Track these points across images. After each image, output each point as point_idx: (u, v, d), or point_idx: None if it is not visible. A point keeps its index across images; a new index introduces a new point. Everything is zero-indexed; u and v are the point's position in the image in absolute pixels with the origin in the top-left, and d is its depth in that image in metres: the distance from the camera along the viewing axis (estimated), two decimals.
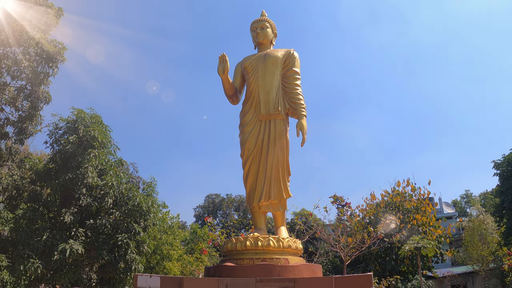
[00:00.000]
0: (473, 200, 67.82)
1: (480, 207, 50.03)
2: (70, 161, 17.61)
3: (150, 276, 7.87)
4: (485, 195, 63.33)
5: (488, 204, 53.55)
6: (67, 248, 15.42)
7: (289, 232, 10.02)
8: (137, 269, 17.33)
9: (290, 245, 8.57)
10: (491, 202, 53.21)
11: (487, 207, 51.37)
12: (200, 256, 29.26)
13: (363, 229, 26.42)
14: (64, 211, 16.59)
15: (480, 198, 65.94)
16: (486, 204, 55.22)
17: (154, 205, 19.01)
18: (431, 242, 23.38)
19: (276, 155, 9.09)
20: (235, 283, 7.37)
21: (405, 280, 29.62)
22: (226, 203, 62.38)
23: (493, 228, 37.88)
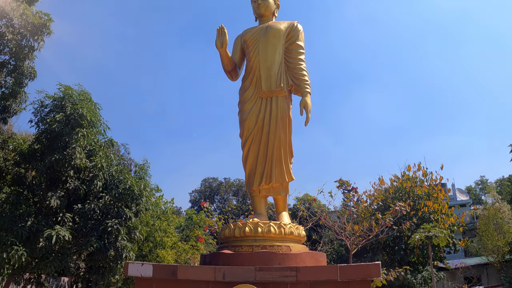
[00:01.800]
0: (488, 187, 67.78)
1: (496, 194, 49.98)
2: (56, 141, 17.59)
3: (142, 264, 7.86)
4: (502, 182, 63.40)
5: (504, 191, 53.65)
6: (53, 235, 15.46)
7: (291, 218, 9.98)
8: (128, 257, 17.39)
9: (292, 232, 8.55)
10: (507, 189, 53.32)
11: (504, 194, 51.46)
12: (195, 244, 29.35)
13: (371, 216, 26.42)
14: (50, 195, 16.61)
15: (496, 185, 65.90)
16: (502, 191, 55.25)
17: (146, 188, 19.04)
18: (443, 231, 23.44)
19: (278, 134, 9.03)
20: (233, 271, 7.37)
21: (415, 271, 29.73)
22: (224, 188, 62.45)
23: (510, 217, 37.94)
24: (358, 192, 22.26)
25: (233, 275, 7.34)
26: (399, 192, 32.01)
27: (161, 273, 7.72)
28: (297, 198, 34.79)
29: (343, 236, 20.59)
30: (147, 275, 7.73)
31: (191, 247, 28.98)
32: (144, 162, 21.94)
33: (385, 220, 20.81)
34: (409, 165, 33.35)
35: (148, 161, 22.09)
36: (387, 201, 30.42)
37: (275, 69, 9.42)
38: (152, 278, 7.75)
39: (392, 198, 31.08)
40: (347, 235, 20.51)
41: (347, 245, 21.07)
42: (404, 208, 22.35)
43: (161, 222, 26.32)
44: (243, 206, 39.80)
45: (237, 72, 10.17)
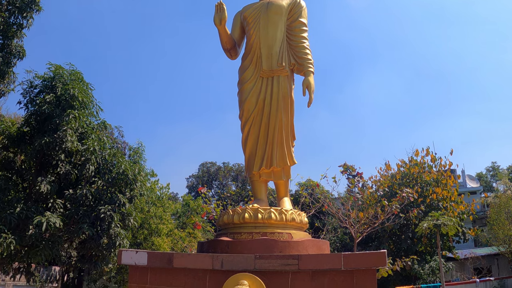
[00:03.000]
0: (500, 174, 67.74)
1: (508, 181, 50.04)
2: (46, 123, 17.56)
3: (136, 251, 7.87)
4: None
5: None
6: (43, 222, 15.45)
7: (293, 204, 9.97)
8: (122, 244, 17.42)
9: (294, 218, 8.55)
10: None
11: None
12: (192, 231, 29.43)
13: (376, 203, 26.46)
14: (40, 180, 16.60)
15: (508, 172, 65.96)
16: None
17: (141, 173, 19.03)
18: (452, 219, 23.46)
19: (279, 116, 8.99)
20: (232, 259, 7.38)
21: (423, 261, 29.83)
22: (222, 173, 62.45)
23: None
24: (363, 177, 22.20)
25: (231, 263, 7.35)
26: (406, 178, 32.04)
27: (156, 261, 7.73)
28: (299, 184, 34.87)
29: (347, 224, 20.62)
30: (141, 264, 7.74)
31: (188, 234, 29.06)
32: (138, 146, 22.01)
33: (391, 207, 20.84)
34: (417, 149, 33.45)
35: (143, 144, 22.17)
36: (394, 187, 30.46)
37: (276, 47, 9.36)
38: (146, 267, 7.77)
39: (399, 184, 31.12)
40: (351, 222, 20.54)
41: (352, 233, 21.11)
42: (411, 194, 22.36)
43: (157, 208, 26.36)
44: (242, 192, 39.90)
45: (237, 50, 10.12)
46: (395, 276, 25.31)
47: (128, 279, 8.11)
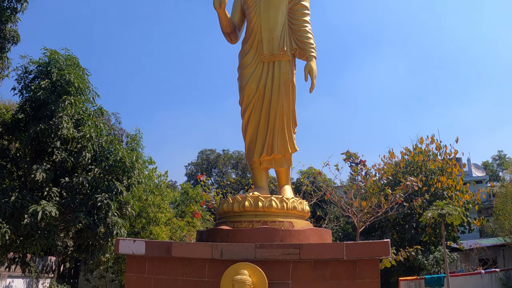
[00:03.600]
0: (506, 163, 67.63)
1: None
2: (42, 110, 17.54)
3: (134, 240, 7.88)
4: None
5: None
6: (39, 211, 15.45)
7: (294, 193, 9.98)
8: (119, 234, 17.44)
9: (295, 207, 8.56)
10: None
11: None
12: (192, 220, 29.47)
13: (380, 191, 26.44)
14: (36, 168, 16.59)
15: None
16: None
17: (139, 160, 19.01)
18: (457, 208, 23.41)
19: (280, 102, 8.97)
20: (232, 248, 7.39)
21: (427, 251, 29.85)
22: (222, 160, 62.44)
23: None
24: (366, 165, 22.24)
25: (231, 253, 7.36)
26: (410, 166, 32.03)
27: (154, 250, 7.74)
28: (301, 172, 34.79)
29: (350, 213, 20.64)
30: (139, 253, 7.75)
31: (187, 223, 29.09)
32: (136, 132, 21.94)
33: (395, 196, 20.85)
34: (422, 137, 33.37)
35: (140, 131, 22.09)
36: (398, 176, 30.44)
37: (277, 31, 9.33)
38: (144, 256, 7.78)
39: (403, 172, 31.11)
40: (354, 211, 20.56)
41: (354, 223, 21.14)
42: (415, 183, 22.39)
43: (155, 196, 26.39)
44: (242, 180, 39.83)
45: (237, 34, 10.08)
46: (399, 266, 25.30)
47: (126, 269, 8.13)
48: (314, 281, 7.28)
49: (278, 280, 7.26)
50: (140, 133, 21.99)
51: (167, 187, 31.95)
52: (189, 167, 64.28)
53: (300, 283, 7.28)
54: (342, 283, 7.27)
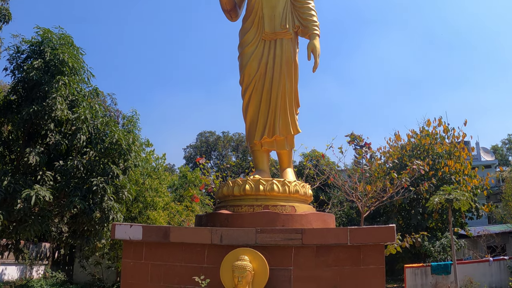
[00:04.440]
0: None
1: None
2: (35, 91, 17.50)
3: (131, 225, 7.89)
4: None
5: None
6: (32, 195, 15.44)
7: (296, 176, 9.98)
8: (115, 218, 17.46)
9: (297, 190, 8.56)
10: None
11: None
12: (190, 205, 29.47)
13: (385, 175, 26.42)
14: (29, 151, 16.58)
15: None
16: None
17: (136, 143, 18.99)
18: (465, 193, 23.39)
19: (282, 81, 8.95)
20: (232, 233, 7.40)
21: (433, 238, 29.85)
22: (222, 143, 62.38)
23: None
24: (371, 148, 22.15)
25: (231, 238, 7.37)
26: (417, 149, 31.98)
27: (152, 235, 7.75)
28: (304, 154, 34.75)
29: (354, 197, 20.63)
30: (136, 238, 7.77)
31: (185, 208, 29.09)
32: (132, 114, 21.91)
33: (400, 180, 20.83)
34: (429, 119, 33.24)
35: (137, 112, 22.06)
36: (404, 159, 30.39)
37: (279, 8, 9.29)
38: (142, 241, 7.79)
39: (409, 156, 31.06)
40: (358, 196, 20.55)
41: (358, 207, 21.13)
42: (422, 167, 22.35)
43: (152, 180, 26.39)
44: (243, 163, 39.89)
45: (237, 11, 10.05)
46: (404, 253, 25.33)
47: (122, 255, 8.14)
48: (316, 267, 7.30)
49: (279, 266, 7.28)
50: (136, 114, 21.97)
51: (165, 170, 31.97)
52: (187, 150, 64.26)
53: (302, 269, 7.29)
54: (346, 269, 7.29)
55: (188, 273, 7.47)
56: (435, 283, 23.36)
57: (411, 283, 24.07)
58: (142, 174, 25.30)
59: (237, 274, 6.84)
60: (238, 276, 6.83)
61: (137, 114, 21.98)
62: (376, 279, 7.26)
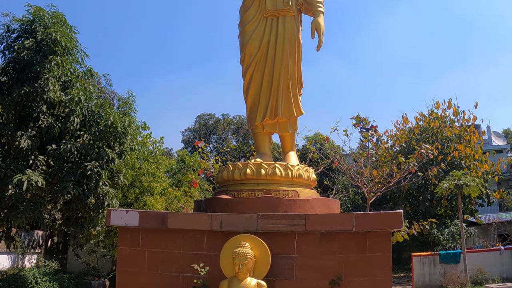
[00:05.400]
0: None
1: None
2: (26, 71, 17.43)
3: (127, 211, 7.90)
4: None
5: None
6: (24, 181, 15.39)
7: (299, 160, 9.97)
8: (111, 204, 17.43)
9: (301, 175, 8.56)
10: None
11: None
12: (189, 190, 29.48)
13: (392, 160, 26.44)
14: (20, 135, 16.52)
15: None
16: None
17: (132, 125, 18.94)
18: (475, 179, 23.44)
19: (285, 61, 8.93)
20: (232, 219, 7.41)
21: (442, 225, 29.88)
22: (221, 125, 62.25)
23: None
24: (378, 131, 22.16)
25: (231, 224, 7.38)
26: (425, 132, 31.96)
27: (149, 221, 7.77)
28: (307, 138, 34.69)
29: (360, 183, 20.66)
30: (132, 224, 7.78)
31: (184, 193, 29.10)
32: (128, 95, 21.83)
33: (408, 164, 20.84)
34: (438, 102, 33.16)
35: (133, 94, 21.98)
36: (412, 143, 30.40)
37: None
38: (138, 228, 7.81)
39: (417, 139, 31.05)
40: (364, 181, 20.58)
41: (364, 193, 21.18)
42: (430, 151, 22.35)
43: (149, 164, 26.37)
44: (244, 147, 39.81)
45: None
46: (411, 241, 25.37)
47: (118, 242, 8.15)
48: (320, 254, 7.32)
49: (282, 254, 7.30)
50: (133, 96, 21.91)
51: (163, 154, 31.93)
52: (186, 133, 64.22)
53: (305, 256, 7.31)
54: (351, 257, 7.31)
55: (186, 260, 7.49)
56: (443, 272, 23.38)
57: (419, 272, 24.11)
58: (138, 158, 25.30)
59: (238, 262, 6.86)
60: (239, 263, 6.85)
61: (133, 96, 21.93)
62: (383, 267, 7.29)
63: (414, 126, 32.88)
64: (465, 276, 22.07)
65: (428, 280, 23.87)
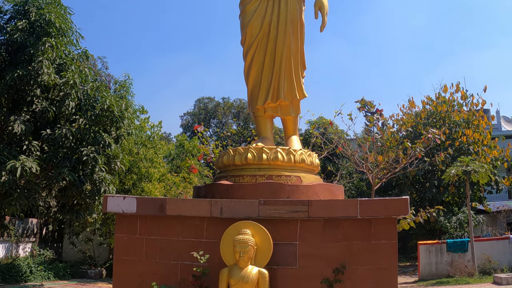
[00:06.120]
0: None
1: None
2: (19, 54, 17.43)
3: (124, 197, 7.90)
4: None
5: None
6: (17, 167, 15.40)
7: (302, 145, 9.98)
8: (107, 191, 17.46)
9: (304, 159, 8.55)
10: None
11: None
12: (188, 176, 29.52)
13: (398, 145, 26.44)
14: (13, 119, 16.53)
15: None
16: None
17: (129, 109, 18.96)
18: (484, 165, 23.39)
19: (287, 41, 8.90)
20: (233, 206, 7.41)
21: (449, 213, 29.86)
22: (222, 109, 62.12)
23: None
24: (383, 115, 22.08)
25: (232, 210, 7.38)
26: (432, 117, 31.91)
27: (147, 208, 7.77)
28: (310, 122, 34.74)
29: (365, 168, 20.67)
30: (130, 211, 7.78)
31: (183, 179, 29.15)
32: (125, 78, 21.88)
33: (415, 150, 20.83)
34: (446, 85, 33.07)
35: (130, 77, 22.04)
36: (418, 128, 30.38)
37: None
38: (136, 214, 7.81)
39: (424, 124, 30.99)
40: (369, 167, 20.59)
41: (369, 179, 21.19)
42: (438, 136, 22.30)
43: (147, 150, 26.39)
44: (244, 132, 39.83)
45: None
46: (418, 229, 25.42)
47: (115, 229, 8.15)
48: (324, 242, 7.32)
49: (284, 241, 7.30)
50: (129, 79, 21.96)
51: (161, 139, 31.94)
52: (185, 117, 64.12)
53: (308, 244, 7.32)
54: (355, 244, 7.31)
55: (186, 248, 7.50)
56: (451, 261, 23.38)
57: (425, 261, 24.13)
58: (136, 143, 25.31)
59: (239, 249, 6.86)
60: (240, 251, 6.85)
61: (130, 79, 21.98)
62: (388, 256, 7.29)
63: (421, 110, 32.83)
64: (473, 265, 22.09)
65: (434, 269, 23.87)
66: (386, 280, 7.22)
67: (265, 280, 6.94)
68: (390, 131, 29.20)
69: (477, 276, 21.46)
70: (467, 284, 20.43)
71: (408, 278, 25.23)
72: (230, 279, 6.95)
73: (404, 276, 25.71)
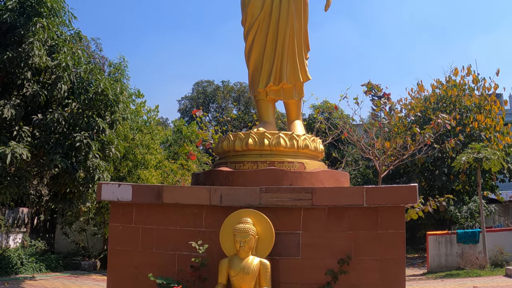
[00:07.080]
0: None
1: None
2: (9, 35, 17.38)
3: (119, 185, 7.90)
4: None
5: None
6: (7, 153, 15.37)
7: (306, 131, 9.95)
8: (102, 178, 17.44)
9: (307, 145, 8.55)
10: None
11: None
12: (186, 163, 29.51)
13: (406, 130, 26.40)
14: (3, 104, 16.51)
15: None
16: None
17: (124, 93, 18.92)
18: (496, 152, 23.37)
19: (290, 21, 8.88)
20: (233, 193, 7.41)
21: (460, 202, 29.84)
22: (221, 93, 61.97)
23: None
24: (391, 99, 22.02)
25: (232, 198, 7.38)
26: (442, 101, 31.83)
27: (143, 195, 7.77)
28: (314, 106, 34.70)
29: (371, 155, 20.66)
30: (125, 199, 7.78)
31: (181, 166, 29.13)
32: (120, 61, 21.82)
33: (423, 136, 20.81)
34: (456, 68, 32.95)
35: (125, 59, 21.97)
36: (427, 113, 30.33)
37: None
38: (131, 203, 7.81)
39: (434, 109, 30.95)
40: (375, 153, 20.58)
41: (376, 167, 21.18)
42: (448, 121, 22.27)
43: (143, 135, 26.35)
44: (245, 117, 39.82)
45: None
46: (427, 219, 25.42)
47: (109, 218, 8.16)
48: (328, 231, 7.32)
49: (286, 230, 7.31)
50: (125, 61, 21.89)
51: (158, 124, 31.90)
52: (182, 102, 64.06)
53: (312, 233, 7.32)
54: (361, 234, 7.32)
55: (183, 237, 7.51)
56: (461, 253, 23.41)
57: (434, 252, 24.17)
58: (131, 128, 25.28)
59: (239, 239, 6.87)
60: (240, 240, 6.86)
61: (125, 61, 21.91)
62: (396, 246, 7.29)
63: (430, 95, 32.76)
64: (484, 257, 22.11)
65: (444, 261, 23.91)
66: (393, 272, 7.23)
67: (266, 271, 6.95)
68: (398, 116, 29.10)
69: (489, 269, 21.48)
70: (478, 276, 20.43)
71: (417, 270, 25.26)
72: (230, 270, 6.97)
73: (412, 268, 25.75)
